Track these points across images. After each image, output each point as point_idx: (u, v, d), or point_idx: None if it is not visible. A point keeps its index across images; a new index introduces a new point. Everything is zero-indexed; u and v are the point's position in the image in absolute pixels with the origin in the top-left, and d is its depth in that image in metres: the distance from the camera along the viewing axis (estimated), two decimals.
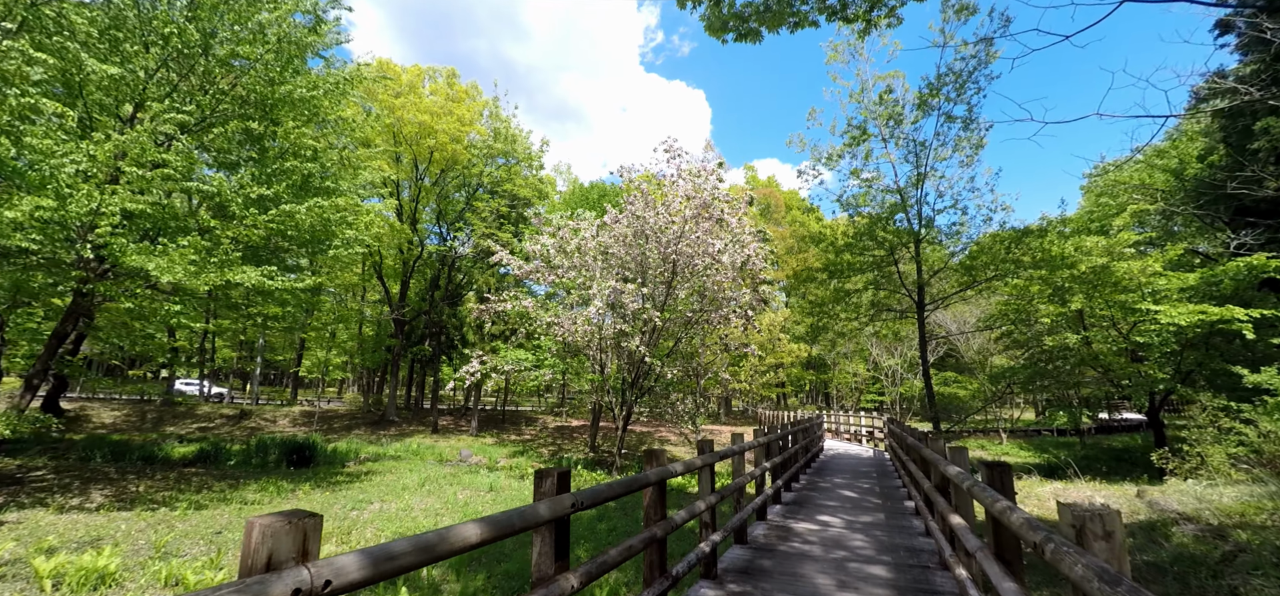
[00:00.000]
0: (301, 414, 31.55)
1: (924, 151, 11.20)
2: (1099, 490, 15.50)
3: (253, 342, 41.04)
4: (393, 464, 20.02)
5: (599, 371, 16.79)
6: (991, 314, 20.84)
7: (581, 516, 10.38)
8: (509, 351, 25.56)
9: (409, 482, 14.66)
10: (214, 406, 32.31)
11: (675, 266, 14.34)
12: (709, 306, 14.90)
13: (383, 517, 9.73)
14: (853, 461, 14.65)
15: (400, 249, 33.10)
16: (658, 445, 30.12)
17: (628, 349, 14.61)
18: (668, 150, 14.58)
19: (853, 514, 7.74)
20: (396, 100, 24.05)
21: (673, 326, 16.78)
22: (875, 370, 39.35)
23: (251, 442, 21.58)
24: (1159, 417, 18.84)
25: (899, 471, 10.78)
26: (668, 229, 14.48)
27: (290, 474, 17.27)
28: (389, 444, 26.43)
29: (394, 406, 33.15)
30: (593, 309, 13.55)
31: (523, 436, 31.14)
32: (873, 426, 20.45)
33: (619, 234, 15.59)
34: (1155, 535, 9.64)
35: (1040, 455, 28.44)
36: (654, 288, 15.41)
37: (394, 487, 13.25)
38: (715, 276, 14.22)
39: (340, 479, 14.68)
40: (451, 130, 24.72)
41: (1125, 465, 23.23)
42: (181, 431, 27.56)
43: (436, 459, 23.45)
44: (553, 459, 24.64)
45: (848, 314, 12.55)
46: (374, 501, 11.35)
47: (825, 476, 12.00)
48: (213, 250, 10.43)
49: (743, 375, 29.18)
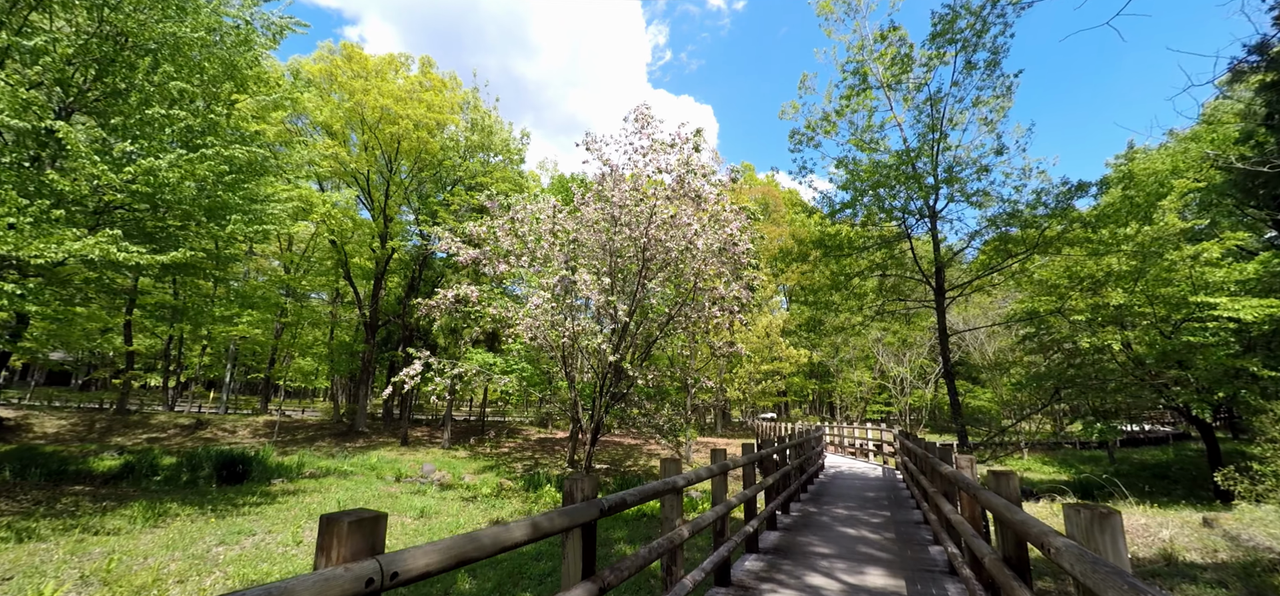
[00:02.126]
0: (265, 424, 29.40)
1: (938, 108, 8.98)
2: (1154, 516, 13.09)
3: (222, 350, 39.05)
4: (339, 481, 17.82)
5: (566, 378, 14.57)
6: (1012, 311, 18.50)
7: (515, 555, 8.12)
8: (474, 355, 23.32)
9: (334, 504, 12.44)
10: (171, 415, 30.21)
11: (646, 254, 12.15)
12: (687, 300, 12.70)
13: (244, 559, 7.51)
14: (858, 483, 12.33)
15: (372, 247, 31.12)
16: (645, 460, 27.76)
17: (589, 350, 12.41)
18: (639, 119, 12.45)
19: (859, 569, 5.47)
20: (356, 82, 22.12)
21: (648, 325, 14.57)
22: (882, 378, 36.88)
23: (185, 456, 19.42)
24: (1212, 431, 16.42)
25: (916, 498, 8.50)
26: (637, 210, 12.34)
27: (209, 492, 15.11)
28: (348, 457, 24.20)
29: (364, 416, 30.96)
30: (534, 301, 11.36)
31: (501, 449, 28.85)
32: (881, 440, 18.10)
33: (589, 219, 13.44)
34: (1258, 582, 7.33)
35: (1067, 470, 25.84)
36: (623, 280, 13.25)
37: (306, 513, 11.03)
38: (692, 263, 12.03)
39: (249, 501, 12.49)
40: (418, 116, 22.73)
41: (1166, 483, 20.68)
42: (128, 442, 25.45)
43: (394, 475, 21.23)
44: (526, 475, 22.37)
45: (849, 304, 10.26)
46: (258, 532, 9.13)
47: (824, 504, 9.71)
48: (46, 213, 8.26)
49: (737, 383, 26.79)
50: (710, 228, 11.39)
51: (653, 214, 11.81)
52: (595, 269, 13.27)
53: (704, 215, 11.41)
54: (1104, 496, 17.65)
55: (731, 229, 11.16)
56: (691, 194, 11.51)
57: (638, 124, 12.50)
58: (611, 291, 13.72)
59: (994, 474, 3.01)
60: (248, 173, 13.68)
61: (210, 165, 9.28)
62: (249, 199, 11.40)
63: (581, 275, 11.00)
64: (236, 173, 11.82)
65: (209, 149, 9.51)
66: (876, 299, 10.68)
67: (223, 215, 10.76)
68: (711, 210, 11.45)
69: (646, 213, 12.05)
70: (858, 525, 7.71)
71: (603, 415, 14.03)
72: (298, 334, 35.24)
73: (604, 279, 11.84)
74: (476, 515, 12.09)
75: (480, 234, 12.40)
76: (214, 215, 10.78)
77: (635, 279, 12.70)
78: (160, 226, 10.28)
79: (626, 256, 12.76)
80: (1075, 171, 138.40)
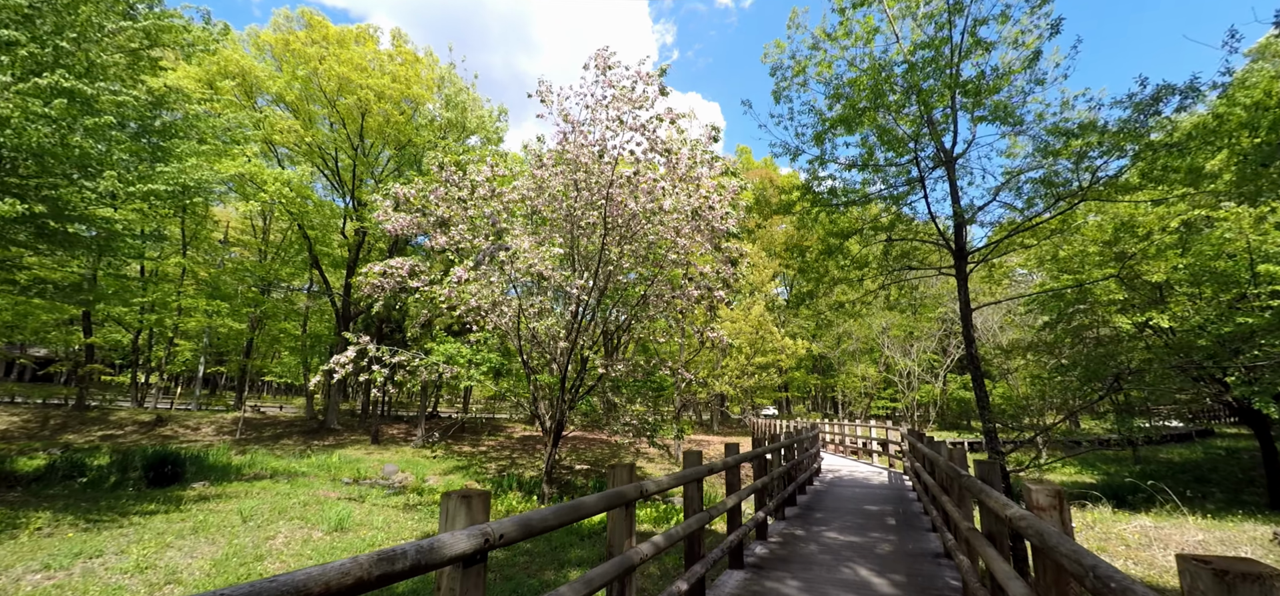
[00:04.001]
0: (234, 421, 27.72)
1: (956, 21, 6.98)
2: (1211, 529, 11.09)
3: (198, 344, 37.47)
4: (275, 484, 16.08)
5: (525, 368, 12.72)
6: (1036, 291, 16.48)
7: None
8: (439, 345, 21.46)
9: (246, 511, 10.65)
10: (132, 411, 28.60)
11: (606, 217, 10.24)
12: (657, 275, 10.80)
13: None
14: (859, 492, 10.40)
15: (343, 233, 29.34)
16: (633, 461, 25.88)
17: (536, 332, 10.53)
18: (600, 65, 10.49)
19: None
20: (312, 50, 20.28)
21: (616, 308, 12.67)
22: (888, 372, 34.83)
23: (119, 456, 17.73)
24: (1268, 428, 14.41)
25: (932, 518, 6.59)
26: (597, 169, 10.44)
27: (125, 495, 13.41)
28: (311, 456, 22.50)
29: (335, 413, 29.25)
30: (457, 273, 9.46)
31: (479, 448, 27.07)
32: (887, 439, 16.15)
33: (549, 187, 11.54)
34: None
35: (1091, 472, 23.70)
36: (585, 260, 11.35)
37: (195, 528, 9.24)
38: (661, 231, 10.11)
39: (149, 510, 10.72)
40: (380, 88, 20.87)
41: (1205, 487, 18.61)
42: (79, 440, 23.84)
43: (353, 475, 19.50)
44: (499, 476, 20.58)
45: (848, 274, 8.29)
46: (109, 553, 7.34)
47: (815, 523, 7.82)
48: None
49: (728, 376, 24.83)
50: (681, 188, 9.48)
51: (614, 168, 9.90)
52: (551, 239, 11.38)
53: (673, 173, 9.50)
54: (1142, 502, 15.64)
55: (705, 186, 9.24)
56: (659, 147, 9.58)
57: (598, 70, 10.56)
58: (573, 265, 11.83)
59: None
60: (156, 133, 11.87)
61: (59, 106, 7.45)
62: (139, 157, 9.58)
63: (518, 239, 9.13)
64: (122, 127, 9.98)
65: (64, 83, 7.68)
66: (880, 273, 8.68)
67: (93, 169, 8.96)
68: (681, 169, 9.53)
69: (608, 170, 10.14)
70: (857, 559, 5.78)
71: (565, 412, 12.14)
72: (273, 328, 33.56)
73: (556, 248, 9.93)
74: (407, 528, 10.25)
75: (408, 195, 10.51)
76: (85, 170, 8.99)
77: (597, 252, 10.79)
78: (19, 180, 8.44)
79: (587, 224, 10.84)
80: None
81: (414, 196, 10.56)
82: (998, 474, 3.16)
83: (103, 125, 8.59)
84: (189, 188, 11.55)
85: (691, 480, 4.06)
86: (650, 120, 9.42)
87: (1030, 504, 2.16)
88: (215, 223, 34.75)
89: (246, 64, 20.17)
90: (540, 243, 9.95)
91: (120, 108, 9.55)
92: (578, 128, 10.87)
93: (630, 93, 9.48)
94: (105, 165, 9.07)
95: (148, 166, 10.36)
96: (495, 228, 10.06)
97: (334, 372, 11.31)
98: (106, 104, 8.61)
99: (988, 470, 3.12)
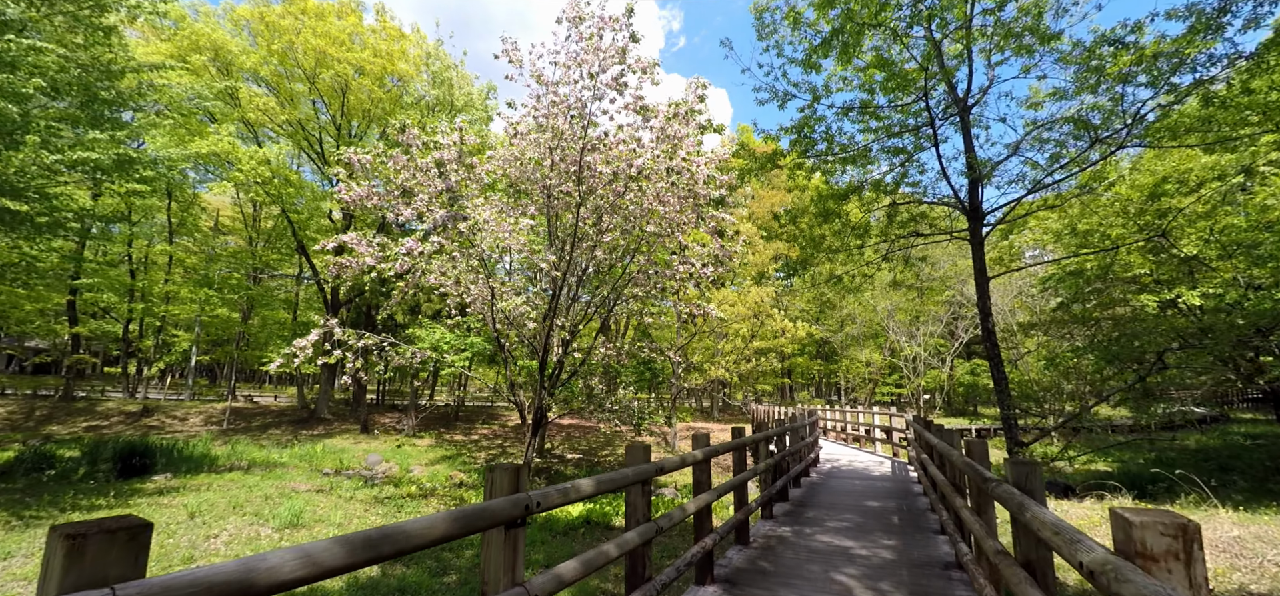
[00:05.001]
0: (223, 411, 27.16)
1: None
2: (1245, 523, 10.16)
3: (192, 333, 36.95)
4: (258, 475, 15.41)
5: (500, 352, 11.89)
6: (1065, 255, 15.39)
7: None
8: (423, 331, 20.67)
9: (211, 505, 9.95)
10: (119, 402, 28.12)
11: (581, 187, 9.30)
12: (638, 249, 9.88)
13: None
14: (860, 485, 9.53)
15: (330, 218, 28.52)
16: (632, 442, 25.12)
17: (505, 312, 9.65)
18: (572, 18, 9.47)
19: None
20: (286, 22, 19.29)
21: (595, 286, 11.77)
22: (893, 357, 33.82)
23: (91, 447, 17.13)
24: None
25: (940, 518, 5.74)
26: (569, 133, 9.50)
27: (90, 488, 12.79)
28: (296, 446, 21.88)
29: (326, 402, 28.67)
30: (407, 244, 8.57)
31: (470, 437, 26.39)
32: (890, 426, 15.25)
33: (527, 160, 10.60)
34: None
35: (1106, 460, 22.70)
36: (561, 241, 10.44)
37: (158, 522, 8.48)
38: (642, 199, 9.16)
39: (98, 504, 10.03)
40: (359, 62, 19.89)
41: (1227, 475, 17.59)
42: (63, 431, 23.38)
43: (334, 466, 18.86)
44: (487, 466, 19.89)
45: (847, 242, 7.31)
46: (17, 556, 6.58)
47: (809, 519, 6.99)
48: None
49: (725, 360, 23.87)
50: (659, 148, 8.52)
51: (586, 131, 8.95)
52: (526, 213, 10.47)
53: (649, 129, 8.54)
54: (1163, 492, 14.71)
55: (685, 146, 8.28)
56: (634, 104, 8.61)
57: (570, 24, 9.55)
58: (552, 244, 10.93)
59: None
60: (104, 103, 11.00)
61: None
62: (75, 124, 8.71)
63: (479, 208, 8.23)
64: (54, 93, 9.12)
65: None
66: (882, 241, 7.68)
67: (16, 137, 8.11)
68: (657, 124, 8.55)
69: (581, 133, 9.20)
70: (853, 569, 4.91)
71: (544, 398, 11.30)
72: (264, 316, 32.90)
73: (526, 220, 9.02)
74: (367, 523, 9.48)
75: (365, 162, 9.58)
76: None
77: (572, 224, 9.87)
78: None
79: (562, 194, 9.91)
80: None
81: (372, 163, 9.65)
82: (1040, 480, 2.27)
83: (16, 85, 7.72)
84: (131, 160, 10.68)
85: (632, 482, 3.18)
86: (622, 73, 8.44)
87: (1132, 547, 1.25)
88: (203, 208, 34.02)
89: (218, 39, 19.23)
90: (503, 212, 9.04)
91: (43, 69, 8.66)
92: (551, 88, 9.90)
93: (598, 43, 8.50)
94: (28, 130, 8.22)
95: (91, 135, 9.51)
96: (452, 195, 9.15)
97: (295, 356, 10.53)
98: (20, 59, 7.74)
99: (1027, 475, 2.23)
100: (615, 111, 9.08)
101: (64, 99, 10.17)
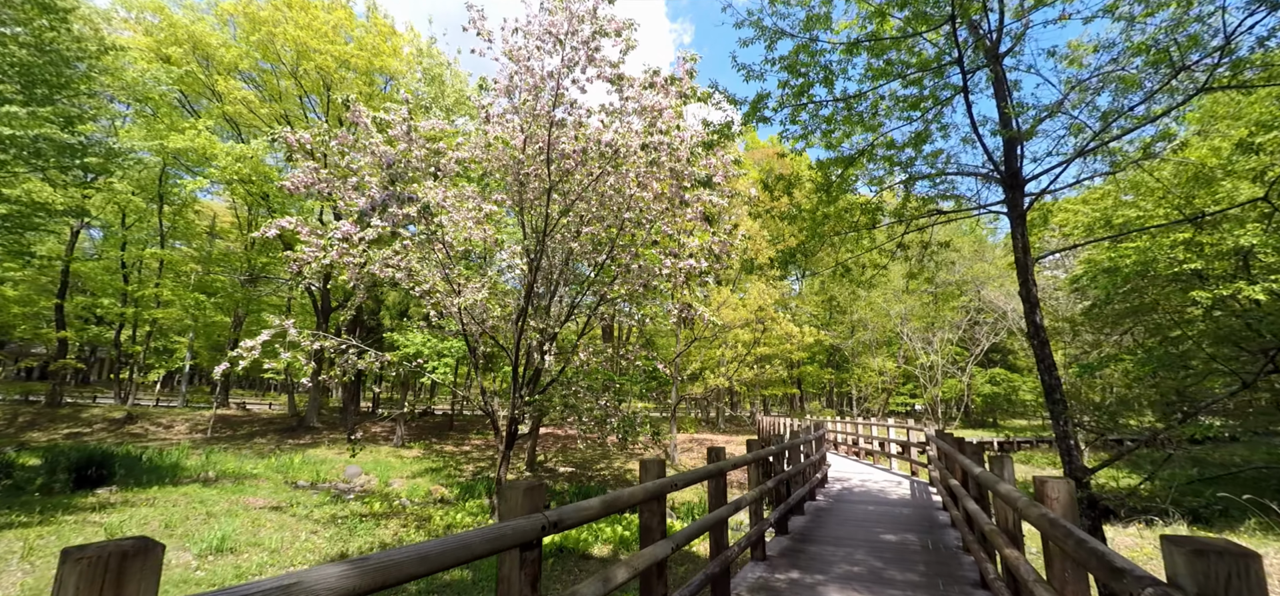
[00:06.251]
0: (210, 419, 26.30)
1: None
2: None
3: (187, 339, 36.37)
4: (218, 488, 14.42)
5: (471, 355, 10.77)
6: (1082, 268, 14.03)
7: None
8: (408, 337, 19.69)
9: (141, 523, 8.92)
10: (104, 408, 27.41)
11: (551, 170, 8.16)
12: (616, 240, 8.70)
13: None
14: (874, 512, 8.21)
15: (320, 218, 27.75)
16: (624, 462, 23.81)
17: (467, 309, 8.52)
18: None
19: None
20: (265, 12, 18.52)
21: (578, 284, 10.60)
22: (908, 365, 32.21)
23: (52, 456, 16.24)
24: None
25: (972, 552, 4.45)
26: (541, 111, 8.42)
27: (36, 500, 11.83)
28: (276, 456, 20.90)
29: (316, 410, 27.76)
30: (343, 226, 7.46)
31: (461, 448, 25.27)
32: (908, 440, 13.86)
33: (497, 146, 9.50)
34: None
35: (1138, 476, 21.00)
36: (535, 235, 9.34)
37: (62, 542, 7.47)
38: (622, 184, 8.00)
39: (18, 520, 9.00)
40: (343, 55, 19.05)
41: None
42: (42, 438, 22.63)
43: (310, 478, 17.84)
44: (473, 479, 18.70)
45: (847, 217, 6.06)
46: None
47: (813, 559, 5.76)
48: None
49: (725, 367, 22.47)
50: (633, 121, 7.38)
51: (555, 105, 7.82)
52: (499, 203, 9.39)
53: (622, 99, 7.40)
54: (1217, 515, 13.12)
55: (666, 117, 7.11)
56: (607, 72, 7.47)
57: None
58: (525, 239, 9.82)
59: None
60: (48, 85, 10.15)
61: None
62: None
63: (429, 191, 7.13)
64: None
65: None
66: (897, 221, 6.38)
67: None
68: (630, 92, 7.40)
69: (548, 110, 8.08)
70: None
71: (520, 408, 10.11)
72: (255, 322, 32.19)
73: (485, 206, 7.91)
74: (308, 550, 8.34)
75: (303, 141, 8.53)
76: None
77: (543, 212, 8.73)
78: None
79: (532, 176, 8.77)
80: None
81: (313, 142, 8.61)
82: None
83: None
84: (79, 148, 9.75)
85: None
86: (593, 34, 7.31)
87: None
88: (197, 212, 33.50)
89: (196, 31, 18.51)
90: (463, 198, 7.92)
91: None
92: (523, 63, 8.79)
93: (568, 3, 7.37)
94: None
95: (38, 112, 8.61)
96: (392, 175, 8.03)
97: (241, 360, 9.48)
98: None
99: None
100: (587, 81, 7.95)
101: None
